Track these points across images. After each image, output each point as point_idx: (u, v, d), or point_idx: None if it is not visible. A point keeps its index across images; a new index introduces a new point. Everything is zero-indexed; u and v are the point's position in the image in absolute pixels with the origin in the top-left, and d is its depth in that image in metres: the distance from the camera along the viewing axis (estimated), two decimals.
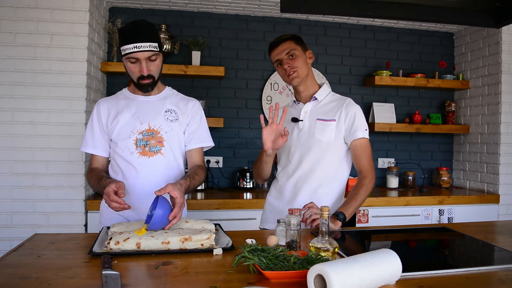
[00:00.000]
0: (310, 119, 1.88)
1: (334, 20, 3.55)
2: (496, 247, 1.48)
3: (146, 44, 1.63)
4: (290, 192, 1.89)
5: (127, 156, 1.72)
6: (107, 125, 1.76)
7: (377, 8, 1.42)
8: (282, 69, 1.87)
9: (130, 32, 1.65)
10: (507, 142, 3.27)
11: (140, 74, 1.68)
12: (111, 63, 3.06)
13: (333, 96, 1.93)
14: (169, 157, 1.75)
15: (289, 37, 1.87)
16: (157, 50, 1.68)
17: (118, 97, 1.83)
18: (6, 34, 2.57)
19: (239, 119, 3.45)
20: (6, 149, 2.58)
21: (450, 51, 3.80)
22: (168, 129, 1.75)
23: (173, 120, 1.77)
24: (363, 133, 1.81)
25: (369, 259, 1.03)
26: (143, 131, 1.73)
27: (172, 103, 1.81)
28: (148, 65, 1.67)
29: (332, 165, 1.85)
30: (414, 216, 3.08)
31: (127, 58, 1.67)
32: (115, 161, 1.76)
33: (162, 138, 1.74)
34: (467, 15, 1.50)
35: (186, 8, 3.31)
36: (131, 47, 1.63)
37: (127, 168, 1.73)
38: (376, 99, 3.64)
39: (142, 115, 1.75)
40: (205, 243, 1.36)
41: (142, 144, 1.72)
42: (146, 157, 1.72)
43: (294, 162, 1.89)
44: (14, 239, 2.51)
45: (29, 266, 1.18)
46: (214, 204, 2.82)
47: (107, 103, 1.80)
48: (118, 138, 1.74)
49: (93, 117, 1.79)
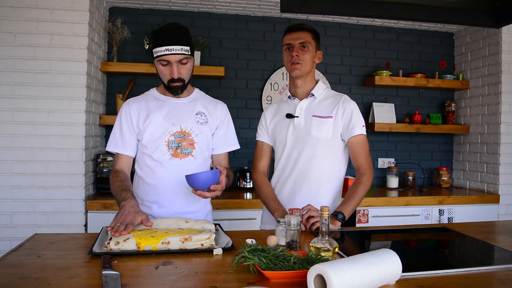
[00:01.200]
0: (305, 116, 1.87)
1: (334, 20, 3.55)
2: (496, 247, 1.48)
3: (178, 47, 1.64)
4: (288, 191, 1.88)
5: (158, 157, 1.73)
6: (138, 125, 1.75)
7: (377, 8, 1.42)
8: (289, 54, 1.84)
9: (163, 34, 1.66)
10: (507, 142, 3.27)
11: (170, 76, 1.69)
12: (111, 63, 3.06)
13: (329, 93, 1.92)
14: (199, 159, 1.78)
15: (310, 29, 1.86)
16: (188, 54, 1.67)
17: (147, 97, 1.82)
18: (6, 34, 2.57)
19: (239, 119, 3.45)
20: (6, 149, 2.58)
21: (450, 51, 3.80)
22: (199, 131, 1.77)
23: (203, 122, 1.79)
24: (360, 129, 1.80)
25: (369, 259, 1.03)
26: (175, 133, 1.74)
27: (202, 105, 1.83)
28: (179, 68, 1.68)
29: (329, 162, 1.84)
30: (414, 216, 3.08)
31: (158, 61, 1.67)
32: (144, 161, 1.76)
33: (193, 140, 1.76)
34: (467, 15, 1.50)
35: (186, 8, 3.31)
36: (163, 49, 1.63)
37: (157, 168, 1.74)
38: (376, 99, 3.64)
39: (174, 117, 1.75)
40: (205, 243, 1.36)
41: (174, 146, 1.73)
42: (178, 159, 1.73)
43: (291, 161, 1.88)
44: (14, 239, 2.51)
45: (29, 266, 1.18)
46: (214, 204, 2.79)
47: (137, 103, 1.79)
48: (149, 139, 1.73)
49: (121, 117, 1.77)
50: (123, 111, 1.78)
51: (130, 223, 1.40)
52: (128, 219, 1.41)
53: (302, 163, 1.84)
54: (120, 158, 1.77)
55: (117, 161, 1.78)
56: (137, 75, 3.21)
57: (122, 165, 1.77)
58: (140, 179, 1.79)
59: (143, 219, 1.45)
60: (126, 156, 1.77)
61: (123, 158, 1.77)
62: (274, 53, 3.47)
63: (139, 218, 1.45)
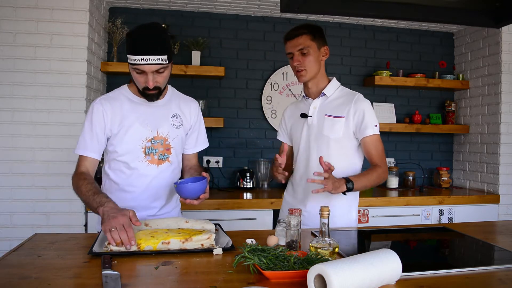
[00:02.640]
0: (318, 115, 1.86)
1: (334, 20, 3.55)
2: (496, 247, 1.48)
3: (154, 57, 1.51)
4: (302, 190, 1.89)
5: (135, 163, 1.67)
6: (111, 128, 1.65)
7: (377, 8, 1.42)
8: (292, 63, 1.85)
9: (138, 40, 1.53)
10: (507, 142, 3.27)
11: (145, 85, 1.59)
12: (111, 63, 3.06)
13: (342, 91, 1.90)
14: (174, 163, 1.76)
15: (305, 32, 1.80)
16: (165, 63, 1.56)
17: (119, 97, 1.70)
18: (6, 34, 2.57)
19: (239, 119, 3.45)
20: (6, 149, 2.58)
21: (450, 51, 3.80)
22: (175, 135, 1.74)
23: (178, 126, 1.75)
24: (373, 130, 1.78)
25: (369, 259, 1.03)
26: (152, 138, 1.68)
27: (176, 106, 1.77)
28: (154, 78, 1.57)
29: (341, 162, 1.81)
30: (414, 216, 3.08)
31: (133, 68, 1.56)
32: (119, 167, 1.68)
33: (169, 145, 1.72)
34: (467, 15, 1.50)
35: (186, 8, 3.31)
36: (138, 59, 1.51)
37: (134, 174, 1.68)
38: (376, 99, 3.64)
39: (150, 122, 1.68)
40: (205, 243, 1.36)
41: (151, 152, 1.68)
42: (155, 165, 1.69)
43: (304, 161, 1.88)
44: (14, 239, 2.51)
45: (29, 266, 1.18)
46: (214, 204, 2.82)
47: (109, 103, 1.66)
48: (125, 145, 1.65)
49: (92, 117, 1.64)
50: (94, 111, 1.65)
51: (127, 226, 1.32)
52: (120, 223, 1.31)
53: (315, 163, 1.83)
54: (86, 160, 1.64)
55: (82, 163, 1.64)
56: None
57: (88, 167, 1.64)
58: (115, 184, 1.71)
59: (131, 215, 1.36)
60: (93, 159, 1.66)
61: (90, 161, 1.65)
62: (274, 53, 3.47)
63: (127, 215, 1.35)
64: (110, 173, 1.72)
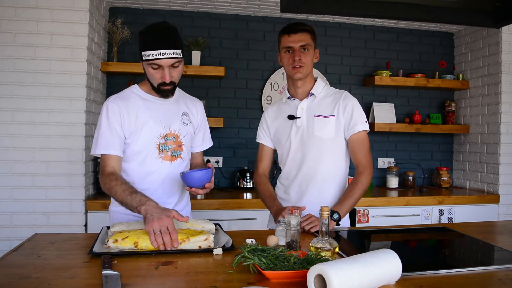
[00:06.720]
0: (307, 116, 1.86)
1: (334, 20, 3.55)
2: (496, 247, 1.48)
3: (170, 51, 1.57)
4: (296, 193, 1.88)
5: (150, 160, 1.68)
6: (129, 126, 1.66)
7: (377, 8, 1.42)
8: (289, 57, 1.80)
9: (153, 37, 1.58)
10: (507, 142, 3.27)
11: (162, 80, 1.62)
12: (111, 63, 3.06)
13: (328, 90, 1.90)
14: (186, 160, 1.79)
15: (309, 29, 1.81)
16: (180, 57, 1.62)
17: (131, 96, 1.72)
18: (6, 34, 2.57)
19: (239, 119, 3.45)
20: (6, 149, 2.58)
21: (450, 51, 3.80)
22: (185, 132, 1.76)
23: (188, 123, 1.78)
24: (362, 126, 1.79)
25: (369, 259, 1.03)
26: (165, 135, 1.70)
27: (184, 104, 1.81)
28: (170, 72, 1.62)
29: (335, 161, 1.84)
30: (414, 216, 3.08)
31: (149, 64, 1.60)
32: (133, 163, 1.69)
33: (181, 142, 1.75)
34: (467, 15, 1.50)
35: (186, 8, 3.31)
36: (155, 53, 1.56)
37: (146, 171, 1.69)
38: (376, 99, 3.64)
39: (164, 119, 1.71)
40: (203, 244, 1.36)
41: (165, 148, 1.70)
42: (169, 162, 1.71)
43: (297, 162, 1.87)
44: (14, 239, 2.51)
45: (29, 266, 1.18)
46: (214, 204, 2.82)
47: (123, 101, 1.68)
48: (140, 142, 1.67)
49: (109, 115, 1.64)
50: (109, 110, 1.65)
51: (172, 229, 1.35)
52: (165, 225, 1.35)
53: (308, 164, 1.83)
54: (111, 158, 1.64)
55: (107, 162, 1.64)
56: (137, 75, 3.21)
57: (114, 166, 1.64)
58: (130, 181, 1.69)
59: (174, 215, 1.40)
60: (117, 157, 1.66)
61: (114, 159, 1.65)
62: (274, 53, 3.47)
63: (171, 217, 1.38)
64: (125, 171, 1.71)
